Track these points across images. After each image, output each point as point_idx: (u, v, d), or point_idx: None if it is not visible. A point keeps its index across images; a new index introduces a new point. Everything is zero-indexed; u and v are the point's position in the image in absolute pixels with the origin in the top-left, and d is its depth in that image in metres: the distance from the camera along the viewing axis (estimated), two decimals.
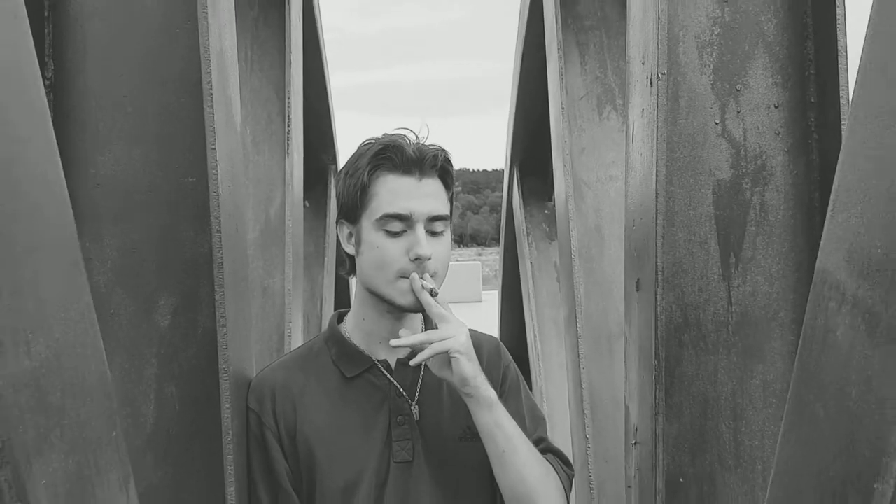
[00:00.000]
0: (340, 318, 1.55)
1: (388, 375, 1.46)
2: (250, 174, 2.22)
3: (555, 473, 1.50)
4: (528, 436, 1.52)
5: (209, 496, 1.29)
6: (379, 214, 1.37)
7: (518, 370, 1.63)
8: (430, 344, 1.33)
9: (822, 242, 0.77)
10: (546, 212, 3.62)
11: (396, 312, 1.43)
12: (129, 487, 0.81)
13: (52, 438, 0.65)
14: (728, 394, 1.40)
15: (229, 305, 1.29)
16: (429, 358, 1.33)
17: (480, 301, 18.50)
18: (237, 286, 1.38)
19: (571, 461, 1.67)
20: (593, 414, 2.08)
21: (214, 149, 1.26)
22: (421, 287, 1.35)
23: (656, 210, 1.34)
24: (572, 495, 2.39)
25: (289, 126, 2.28)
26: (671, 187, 1.36)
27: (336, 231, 1.51)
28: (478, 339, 1.57)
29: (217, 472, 1.28)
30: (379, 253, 1.39)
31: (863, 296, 0.69)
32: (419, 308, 1.40)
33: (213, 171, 1.26)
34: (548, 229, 3.60)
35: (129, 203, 1.29)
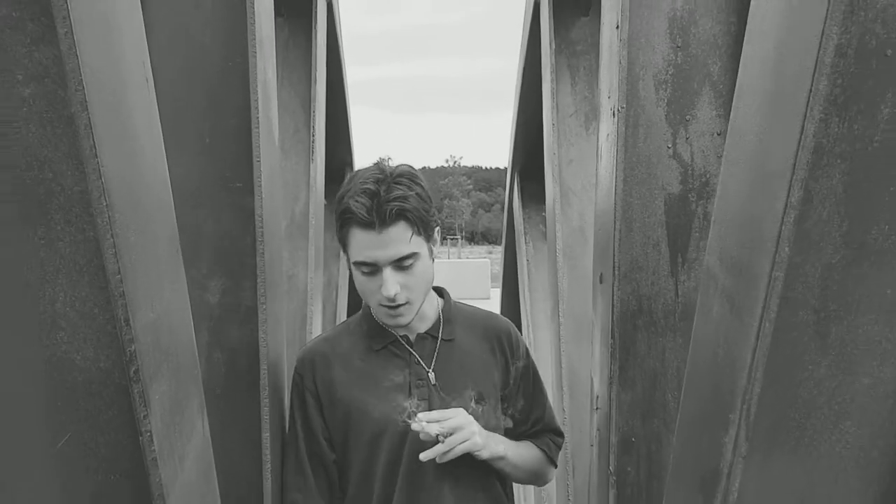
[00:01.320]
0: None
1: (409, 347, 1.73)
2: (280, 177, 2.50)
3: (544, 457, 1.85)
4: (529, 416, 1.84)
5: (248, 440, 1.57)
6: (352, 260, 1.62)
7: (528, 352, 1.89)
8: (455, 448, 1.57)
9: (707, 244, 1.04)
10: (542, 214, 3.87)
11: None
12: (203, 412, 1.09)
13: (162, 369, 0.93)
14: (674, 369, 1.66)
15: (268, 288, 1.57)
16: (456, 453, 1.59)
17: (489, 298, 18.78)
18: (273, 272, 1.65)
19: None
20: (571, 391, 2.35)
21: (259, 161, 1.54)
22: (427, 433, 1.56)
23: (615, 217, 1.61)
24: None
25: (313, 136, 2.56)
26: (629, 199, 1.63)
27: None
28: (497, 326, 1.85)
29: (255, 421, 1.56)
30: (360, 286, 1.66)
31: (726, 284, 0.96)
32: (404, 324, 1.68)
33: (258, 179, 1.54)
34: (544, 230, 3.84)
35: (190, 203, 1.56)
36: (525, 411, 1.83)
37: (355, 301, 4.26)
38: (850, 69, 0.82)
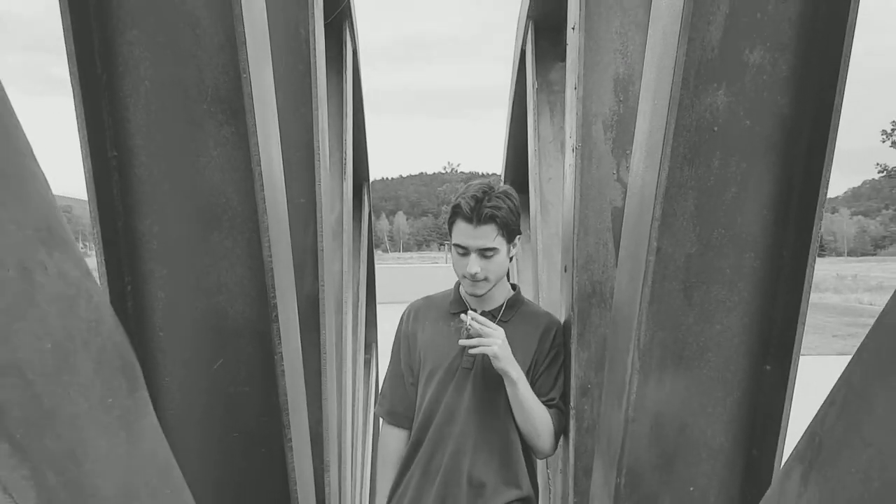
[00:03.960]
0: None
1: None
2: None
3: (549, 422, 2.25)
4: (547, 394, 2.27)
5: (310, 371, 2.09)
6: (453, 242, 2.18)
7: (563, 348, 2.31)
8: (479, 346, 2.09)
9: (621, 241, 1.57)
10: (528, 221, 4.40)
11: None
12: (300, 346, 1.62)
13: (284, 316, 1.46)
14: None
15: (326, 274, 2.10)
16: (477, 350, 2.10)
17: None
18: (328, 264, 2.19)
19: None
20: None
21: (319, 184, 2.07)
22: (469, 320, 2.12)
23: (574, 224, 2.14)
24: None
25: (344, 160, 3.08)
26: (585, 211, 2.16)
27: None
28: (547, 322, 2.36)
29: (317, 368, 2.09)
30: (455, 262, 2.21)
31: (629, 265, 1.49)
32: (479, 294, 2.20)
33: (319, 197, 2.07)
34: (529, 234, 4.38)
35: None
36: (545, 387, 2.29)
37: (371, 293, 4.80)
38: (693, 138, 1.35)
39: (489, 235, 2.13)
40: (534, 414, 2.20)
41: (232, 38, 1.25)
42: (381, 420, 2.40)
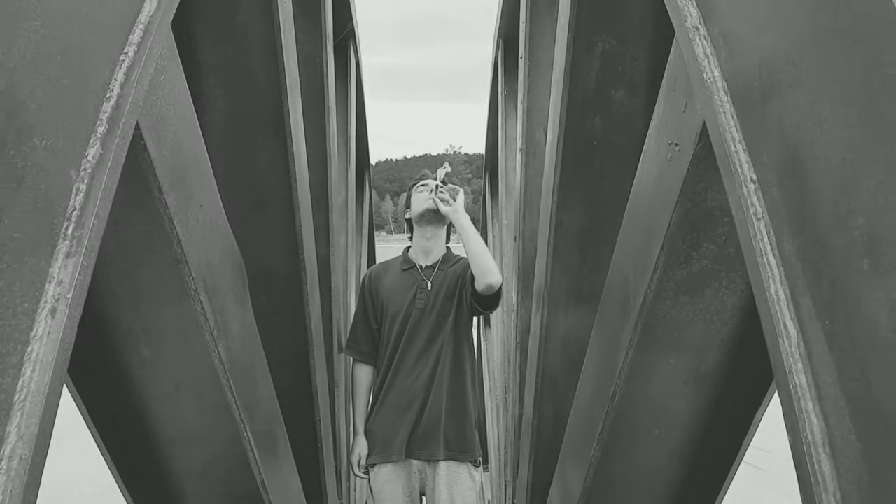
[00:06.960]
0: (410, 247, 3.03)
1: (420, 271, 2.91)
2: None
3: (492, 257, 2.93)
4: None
5: (324, 312, 2.72)
6: (414, 192, 2.89)
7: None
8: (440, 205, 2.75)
9: (540, 222, 2.19)
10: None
11: (424, 231, 2.91)
12: (318, 288, 2.25)
13: (308, 266, 2.08)
14: None
15: (335, 242, 2.73)
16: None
17: None
18: (336, 237, 2.81)
19: None
20: (506, 306, 3.52)
21: (330, 175, 2.68)
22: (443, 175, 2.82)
23: (522, 204, 2.76)
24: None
25: (349, 151, 3.69)
26: (529, 194, 2.78)
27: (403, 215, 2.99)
28: (465, 265, 2.96)
29: (328, 307, 2.72)
30: (416, 201, 2.89)
31: (546, 236, 2.12)
32: (432, 208, 2.84)
33: (330, 184, 2.69)
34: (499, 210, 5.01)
35: None
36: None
37: (372, 262, 5.43)
38: (580, 149, 1.97)
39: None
40: (483, 249, 2.75)
41: (276, 83, 1.86)
42: (351, 360, 3.06)
